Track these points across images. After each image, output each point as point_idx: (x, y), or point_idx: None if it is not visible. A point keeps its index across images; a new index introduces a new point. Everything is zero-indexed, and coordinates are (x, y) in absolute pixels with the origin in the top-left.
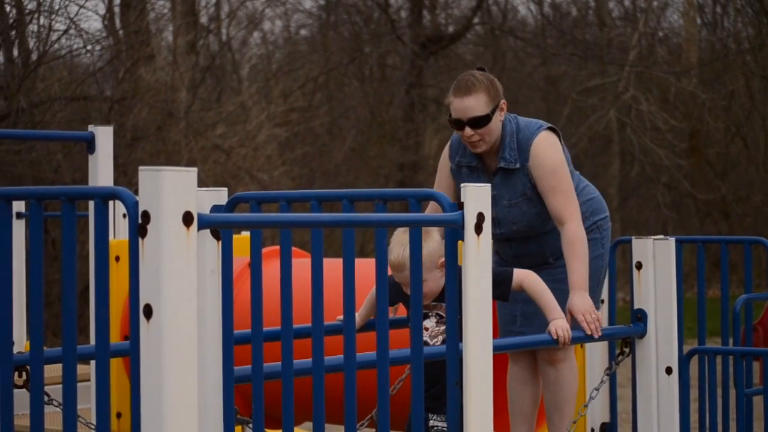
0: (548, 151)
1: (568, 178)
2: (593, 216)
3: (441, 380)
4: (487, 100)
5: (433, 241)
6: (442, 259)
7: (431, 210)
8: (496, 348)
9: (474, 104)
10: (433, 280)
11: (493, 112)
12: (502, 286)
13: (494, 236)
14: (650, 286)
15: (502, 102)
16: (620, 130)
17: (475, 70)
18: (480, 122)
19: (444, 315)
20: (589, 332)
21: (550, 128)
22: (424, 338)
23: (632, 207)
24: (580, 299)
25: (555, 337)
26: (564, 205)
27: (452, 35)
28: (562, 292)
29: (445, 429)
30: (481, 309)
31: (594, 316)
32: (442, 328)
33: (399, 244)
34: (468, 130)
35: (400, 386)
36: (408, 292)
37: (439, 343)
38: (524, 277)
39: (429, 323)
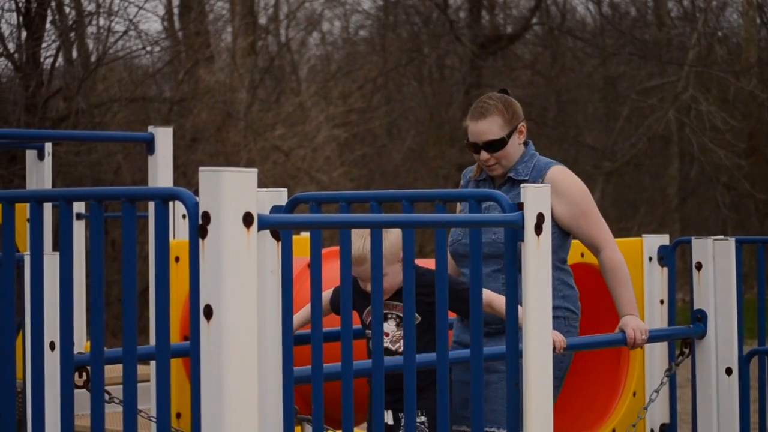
0: (572, 178)
1: (595, 204)
2: (566, 301)
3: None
4: (502, 123)
5: (394, 234)
6: (401, 253)
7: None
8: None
9: (488, 128)
10: (394, 275)
11: (509, 135)
12: (467, 304)
13: (463, 254)
14: (710, 287)
15: (521, 125)
16: (679, 130)
17: (497, 92)
18: (495, 146)
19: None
20: (631, 342)
21: None
22: (385, 344)
23: (691, 207)
24: (633, 319)
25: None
26: (598, 231)
27: (511, 35)
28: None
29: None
30: (541, 310)
31: (644, 338)
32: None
33: (359, 236)
34: (484, 154)
35: None
36: (367, 288)
37: (402, 348)
38: (494, 297)
39: (389, 327)
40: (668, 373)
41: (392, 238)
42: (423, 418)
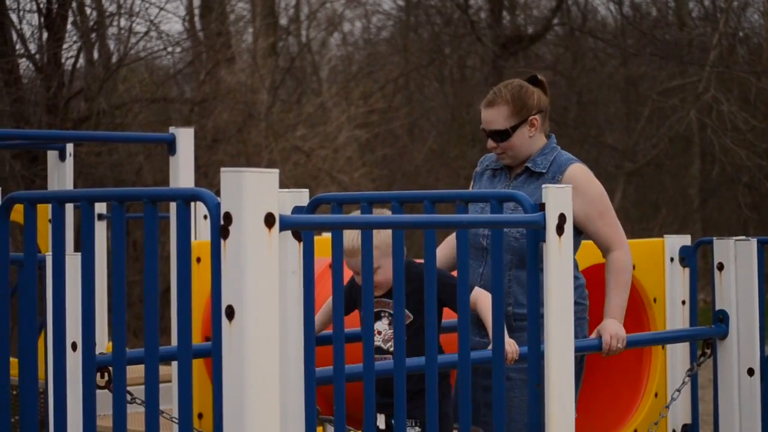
0: (592, 177)
1: (611, 205)
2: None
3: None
4: (507, 114)
5: None
6: None
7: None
8: (577, 349)
9: (494, 117)
10: (388, 268)
11: (514, 128)
12: (452, 298)
13: (478, 247)
14: (732, 287)
15: (533, 117)
16: (701, 131)
17: (526, 78)
18: (500, 135)
19: None
20: (606, 348)
21: None
22: (377, 343)
23: (713, 208)
24: (613, 324)
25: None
26: (614, 232)
27: (532, 36)
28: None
29: None
30: (563, 311)
31: (620, 346)
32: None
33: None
34: (490, 142)
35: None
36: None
37: (393, 348)
38: (479, 295)
39: (381, 326)
40: (690, 373)
41: (386, 230)
42: (417, 429)
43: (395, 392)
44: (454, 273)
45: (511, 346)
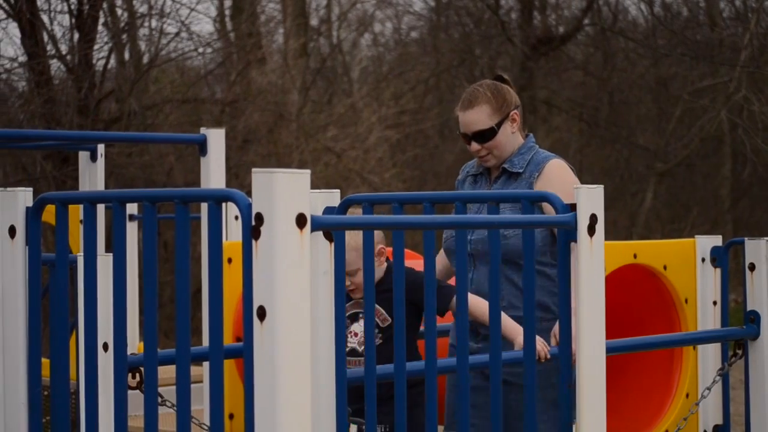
0: (571, 173)
1: None
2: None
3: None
4: (491, 112)
5: None
6: (381, 246)
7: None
8: (609, 350)
9: (476, 117)
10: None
11: (499, 124)
12: (439, 303)
13: (468, 255)
14: (763, 288)
15: (513, 112)
16: (732, 131)
17: (491, 78)
18: (484, 136)
19: (380, 321)
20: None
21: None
22: (353, 345)
23: (744, 208)
24: None
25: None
26: None
27: (563, 36)
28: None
29: None
30: (595, 312)
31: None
32: (378, 334)
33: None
34: (474, 145)
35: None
36: (349, 283)
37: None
38: (471, 299)
39: (359, 327)
40: (721, 372)
41: None
42: None
43: (366, 397)
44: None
45: (541, 344)
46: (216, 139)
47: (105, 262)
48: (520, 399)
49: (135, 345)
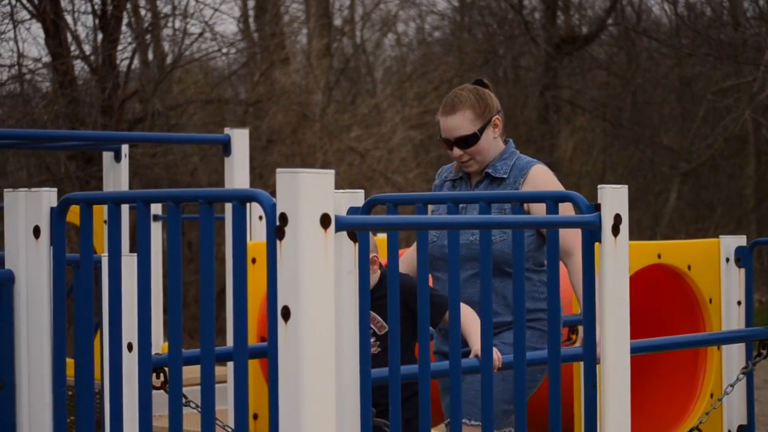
0: (554, 179)
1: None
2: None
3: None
4: (473, 117)
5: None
6: (374, 254)
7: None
8: (633, 350)
9: (459, 123)
10: (374, 276)
11: (482, 129)
12: (439, 314)
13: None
14: None
15: (495, 118)
16: (756, 131)
17: (471, 83)
18: (467, 141)
19: (377, 329)
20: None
21: None
22: None
23: None
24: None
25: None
26: (572, 235)
27: (586, 36)
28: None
29: None
30: (619, 312)
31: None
32: (376, 342)
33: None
34: (456, 150)
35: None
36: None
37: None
38: (467, 316)
39: None
40: (745, 370)
41: None
42: None
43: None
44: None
45: (496, 354)
46: (240, 139)
47: (129, 263)
48: (497, 385)
49: (159, 345)
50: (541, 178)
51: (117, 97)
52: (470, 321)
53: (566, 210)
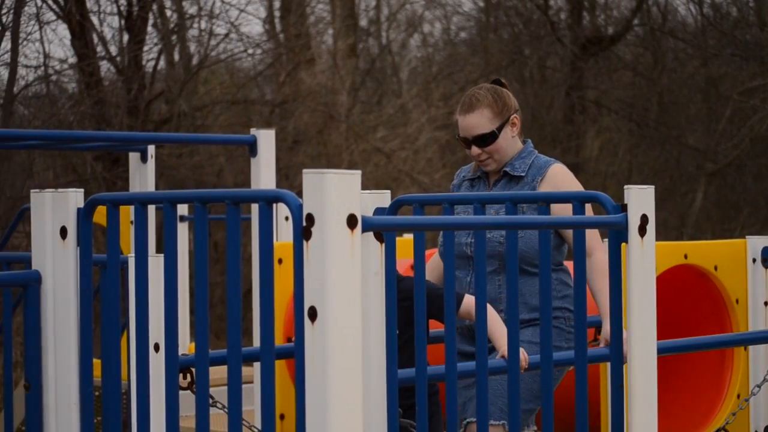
0: (573, 178)
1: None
2: (565, 301)
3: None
4: (492, 116)
5: None
6: None
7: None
8: (660, 351)
9: (477, 121)
10: None
11: (500, 128)
12: (439, 311)
13: (463, 257)
14: None
15: (513, 116)
16: None
17: (489, 82)
18: (485, 140)
19: None
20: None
21: None
22: None
23: None
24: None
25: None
26: (594, 234)
27: (612, 36)
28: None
29: None
30: (646, 313)
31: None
32: None
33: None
34: (475, 149)
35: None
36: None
37: None
38: (473, 303)
39: None
40: None
41: None
42: None
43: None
44: None
45: (522, 354)
46: (266, 140)
47: (156, 263)
48: (523, 379)
49: (185, 346)
50: (560, 177)
51: (143, 98)
52: (493, 320)
53: (562, 209)
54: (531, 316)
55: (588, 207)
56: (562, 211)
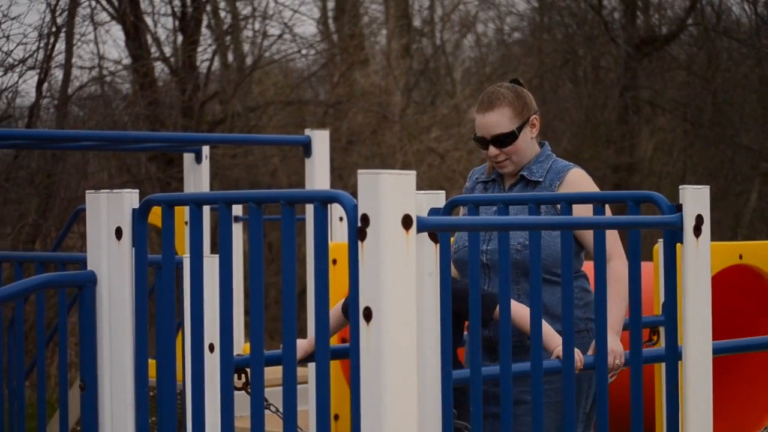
0: (592, 183)
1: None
2: (587, 310)
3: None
4: (512, 115)
5: None
6: None
7: None
8: (715, 351)
9: (496, 120)
10: None
11: (520, 128)
12: (483, 312)
13: (482, 267)
14: None
15: (533, 117)
16: None
17: (508, 81)
18: (504, 140)
19: None
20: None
21: None
22: None
23: None
24: (613, 341)
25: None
26: (614, 241)
27: (666, 36)
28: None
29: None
30: (701, 313)
31: (620, 362)
32: None
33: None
34: (492, 149)
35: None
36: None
37: None
38: (518, 309)
39: None
40: None
41: None
42: None
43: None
44: None
45: (578, 355)
46: (320, 140)
47: (211, 264)
48: (549, 416)
49: (240, 346)
50: (579, 181)
51: (197, 99)
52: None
53: (586, 211)
54: (555, 327)
55: (590, 208)
56: (583, 212)
